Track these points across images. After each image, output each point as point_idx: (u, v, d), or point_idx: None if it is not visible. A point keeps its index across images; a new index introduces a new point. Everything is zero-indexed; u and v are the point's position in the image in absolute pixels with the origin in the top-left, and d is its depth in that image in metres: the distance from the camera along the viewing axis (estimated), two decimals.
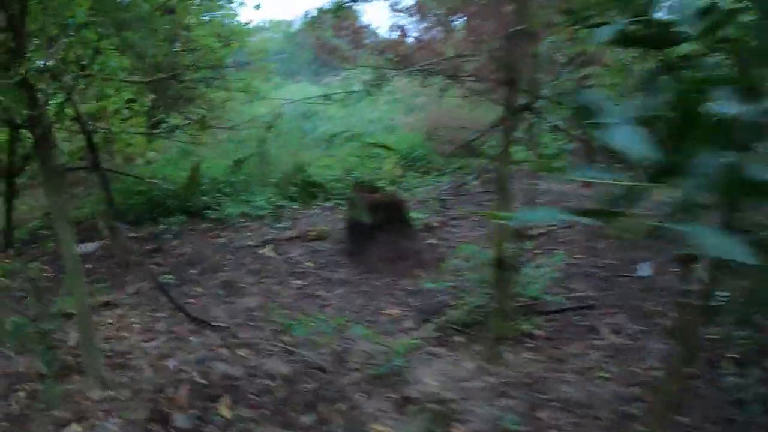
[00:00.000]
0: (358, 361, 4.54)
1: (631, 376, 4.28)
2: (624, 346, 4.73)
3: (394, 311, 5.52)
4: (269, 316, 5.34)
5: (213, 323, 5.19)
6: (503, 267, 4.37)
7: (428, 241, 7.16)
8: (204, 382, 4.25)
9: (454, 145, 12.85)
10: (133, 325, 5.31)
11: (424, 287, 5.78)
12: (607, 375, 4.30)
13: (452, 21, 10.78)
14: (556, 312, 5.31)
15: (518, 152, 12.14)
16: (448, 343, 4.93)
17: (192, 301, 5.80)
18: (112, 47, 4.89)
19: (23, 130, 6.70)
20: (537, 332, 5.00)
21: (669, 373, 2.79)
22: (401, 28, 11.33)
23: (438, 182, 11.12)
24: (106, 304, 5.79)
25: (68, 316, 4.98)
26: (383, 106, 16.11)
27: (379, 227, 6.66)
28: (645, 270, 6.12)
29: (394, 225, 6.70)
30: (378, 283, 6.13)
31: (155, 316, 5.47)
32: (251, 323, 5.25)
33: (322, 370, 4.39)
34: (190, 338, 4.97)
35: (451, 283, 5.59)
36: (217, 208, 8.86)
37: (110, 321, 5.43)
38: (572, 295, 5.63)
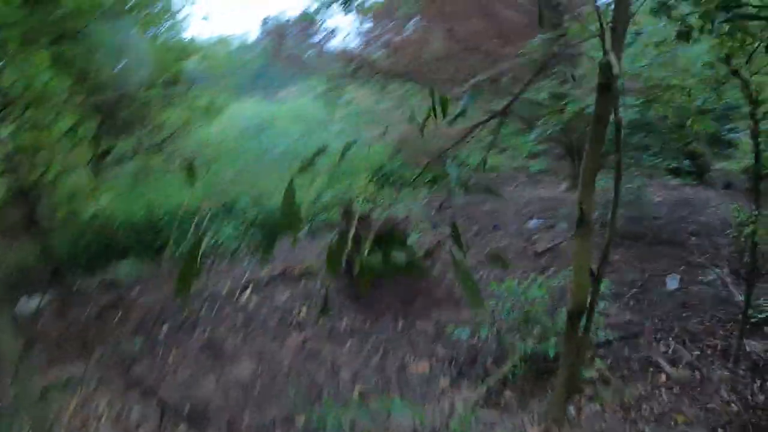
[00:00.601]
0: None
1: (712, 415, 3.76)
2: (687, 379, 4.12)
3: (421, 365, 4.57)
4: (272, 390, 4.30)
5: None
6: (578, 319, 3.52)
7: (435, 271, 6.20)
8: None
9: (428, 156, 12.01)
10: (102, 413, 4.19)
11: (450, 332, 4.85)
12: (684, 418, 3.76)
13: (418, 24, 10.04)
14: (602, 345, 4.52)
15: (492, 157, 11.58)
16: (499, 402, 4.07)
17: (169, 373, 4.69)
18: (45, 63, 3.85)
19: None
20: (590, 374, 4.20)
21: None
22: (369, 33, 10.52)
23: (415, 197, 10.20)
24: (67, 382, 4.65)
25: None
26: (342, 119, 15.02)
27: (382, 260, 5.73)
28: (673, 283, 5.56)
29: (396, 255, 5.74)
30: (391, 330, 5.16)
31: (127, 397, 4.35)
32: (251, 403, 4.17)
33: None
34: None
35: (486, 327, 4.70)
36: (178, 244, 7.65)
37: (72, 407, 4.30)
38: (611, 321, 4.82)
